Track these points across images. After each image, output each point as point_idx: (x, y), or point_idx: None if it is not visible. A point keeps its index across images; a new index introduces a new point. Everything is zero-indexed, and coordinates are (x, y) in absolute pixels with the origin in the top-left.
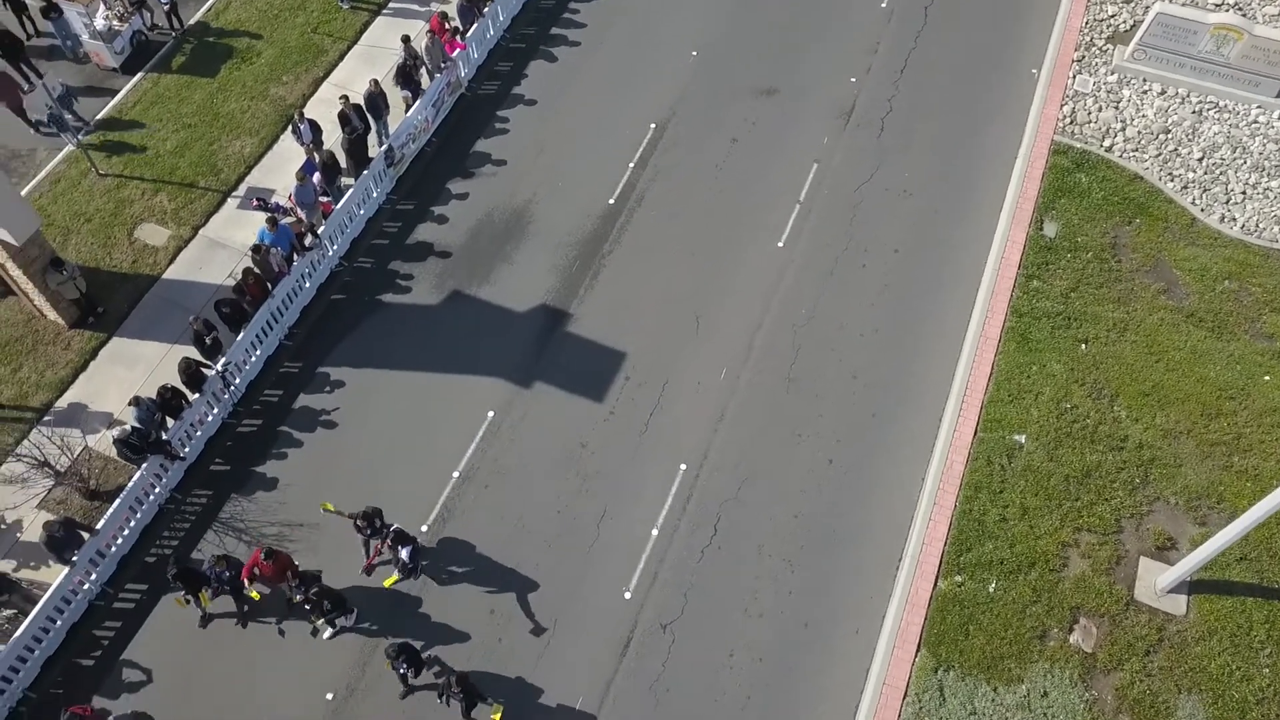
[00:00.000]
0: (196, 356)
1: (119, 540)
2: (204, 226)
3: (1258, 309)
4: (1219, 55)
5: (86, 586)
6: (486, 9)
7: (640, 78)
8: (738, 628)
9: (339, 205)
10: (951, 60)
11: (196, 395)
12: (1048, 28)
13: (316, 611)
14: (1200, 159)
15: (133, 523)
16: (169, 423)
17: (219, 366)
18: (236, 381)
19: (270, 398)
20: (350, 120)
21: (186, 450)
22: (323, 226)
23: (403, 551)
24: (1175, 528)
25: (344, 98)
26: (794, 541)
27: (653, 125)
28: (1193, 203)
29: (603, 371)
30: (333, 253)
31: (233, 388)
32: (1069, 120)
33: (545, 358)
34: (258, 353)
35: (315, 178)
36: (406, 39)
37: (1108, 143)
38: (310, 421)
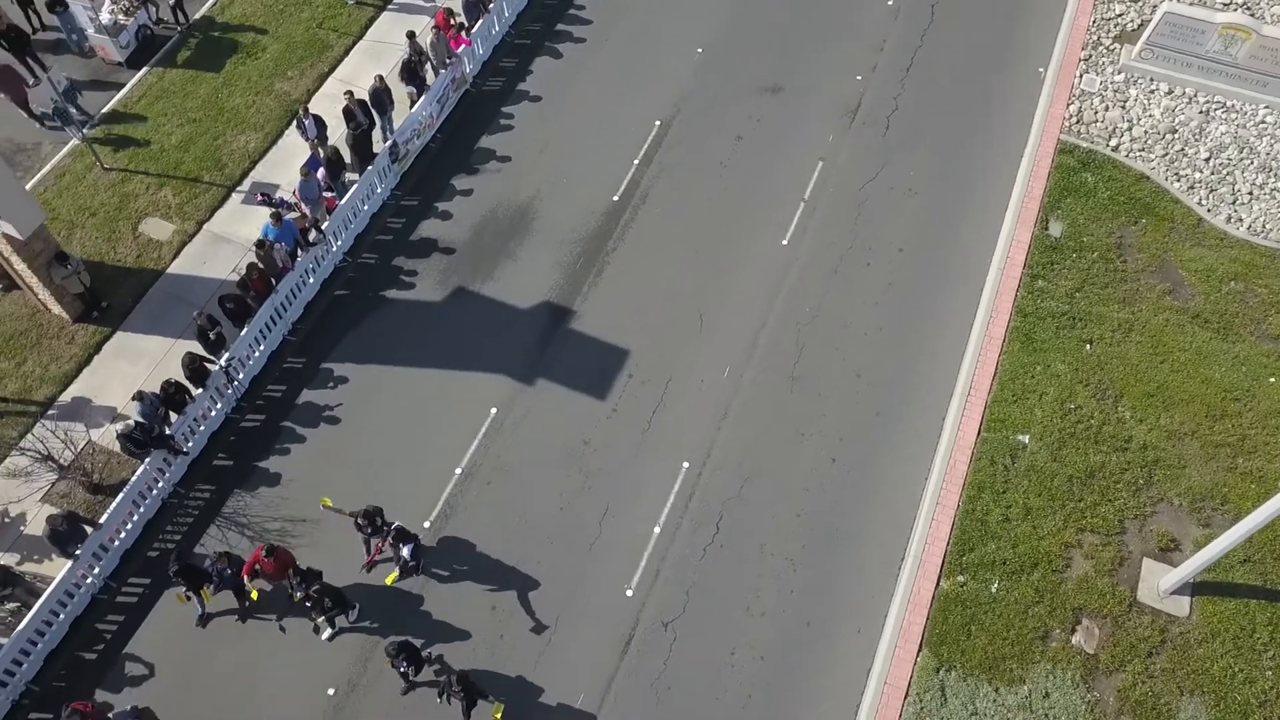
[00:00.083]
0: (200, 351)
1: (122, 535)
2: (208, 221)
3: (1264, 310)
4: (1227, 55)
5: (89, 580)
6: (492, 5)
7: (645, 75)
8: (739, 626)
9: (343, 201)
10: (958, 59)
11: (200, 390)
12: (1054, 26)
13: (317, 609)
14: (1207, 159)
15: (136, 517)
16: (172, 417)
17: (222, 361)
18: (240, 377)
19: (273, 393)
20: (355, 116)
21: (190, 445)
22: (327, 222)
23: (404, 549)
24: (1179, 529)
25: (349, 93)
26: (796, 540)
27: (657, 122)
28: (1199, 203)
29: (606, 369)
30: (337, 248)
31: (236, 383)
32: (1075, 119)
33: (548, 355)
34: (261, 348)
35: (320, 173)
36: (412, 35)
37: (1114, 142)
38: (313, 417)
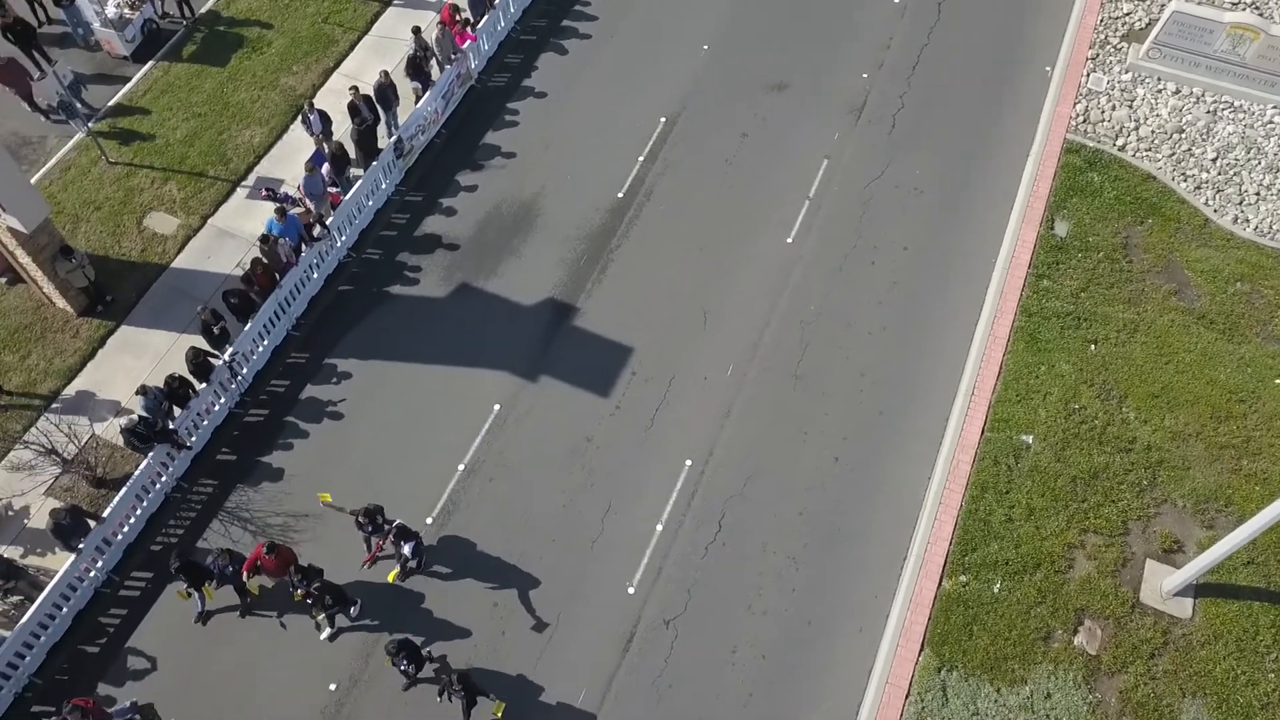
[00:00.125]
0: (204, 346)
1: (125, 528)
2: (213, 216)
3: (1270, 311)
4: (1235, 55)
5: (92, 574)
6: (498, 1)
7: (651, 71)
8: (741, 624)
9: (348, 196)
10: (964, 57)
11: (204, 385)
12: (1062, 25)
13: (318, 606)
14: (1214, 159)
15: (139, 511)
16: (176, 412)
17: (226, 356)
18: (244, 371)
19: (277, 388)
20: (360, 111)
21: (193, 439)
22: (331, 217)
23: (405, 547)
24: (1182, 530)
25: (354, 88)
26: (798, 539)
27: (663, 119)
28: (1206, 203)
29: (609, 366)
30: (341, 244)
31: (240, 378)
32: (1082, 119)
33: (552, 352)
34: (265, 343)
35: (324, 168)
36: (417, 30)
37: (1121, 142)
38: (317, 412)
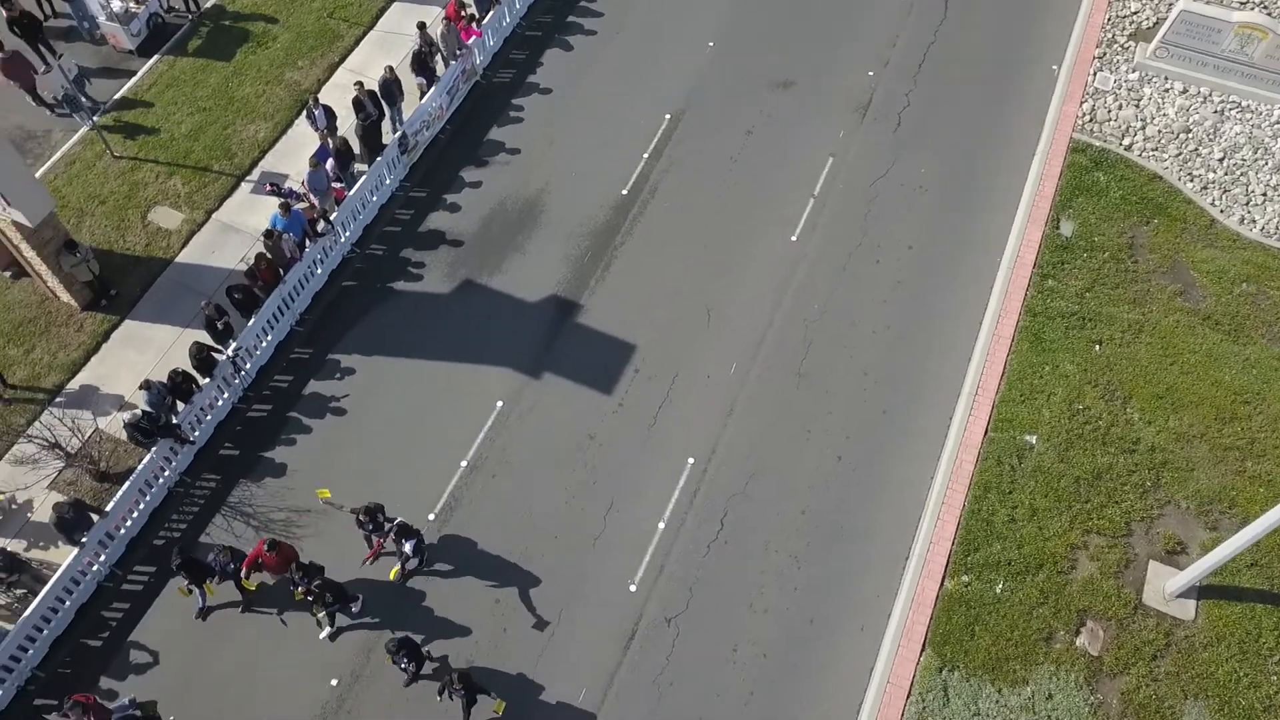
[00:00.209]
0: (208, 341)
1: (128, 523)
2: (217, 211)
3: (1276, 312)
4: (1243, 54)
5: (95, 568)
6: None
7: (656, 68)
8: (742, 623)
9: (352, 192)
10: (971, 55)
11: (207, 380)
12: (1069, 23)
13: (318, 604)
14: (1221, 159)
15: (142, 505)
16: (179, 407)
17: (230, 351)
18: (247, 367)
19: (280, 383)
20: (364, 106)
21: (196, 434)
22: (335, 213)
23: (406, 545)
24: (1186, 532)
25: (359, 84)
26: (801, 538)
27: (668, 116)
28: (1212, 204)
29: (612, 363)
30: (345, 239)
31: (243, 373)
32: (1088, 118)
33: (555, 348)
34: (269, 338)
35: (329, 164)
36: (422, 25)
37: (1127, 141)
38: (320, 408)
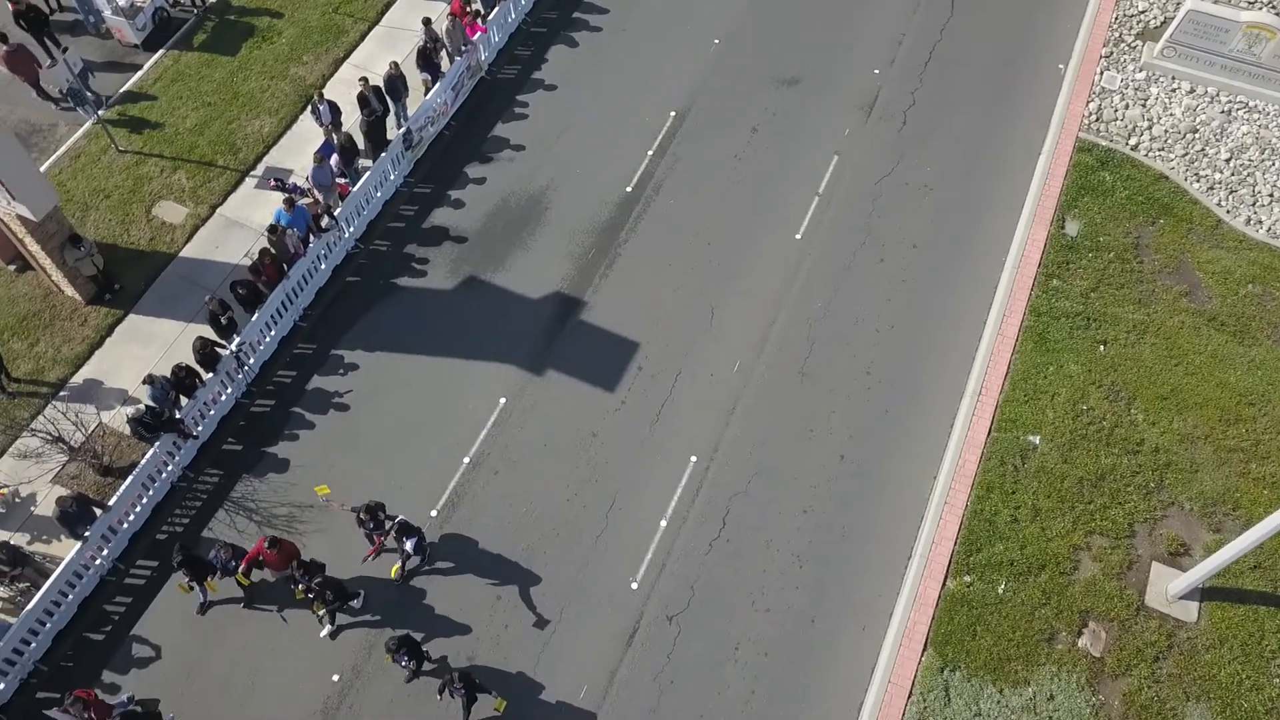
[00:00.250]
0: (211, 336)
1: (131, 517)
2: (221, 205)
3: None
4: (1251, 54)
5: (98, 562)
6: None
7: (661, 65)
8: (744, 621)
9: (356, 187)
10: (977, 53)
11: (210, 375)
12: (1076, 22)
13: (319, 601)
14: (1228, 160)
15: (145, 500)
16: (183, 401)
17: (233, 346)
18: (250, 362)
19: (284, 379)
20: (369, 102)
21: (199, 429)
22: (339, 208)
23: (408, 544)
24: (1189, 534)
25: (364, 79)
26: (803, 537)
27: (673, 113)
28: (1218, 204)
29: (615, 361)
30: (349, 235)
31: (246, 368)
32: (1095, 117)
33: (558, 345)
34: (272, 333)
35: (333, 159)
36: (427, 21)
37: (1133, 141)
38: (323, 403)
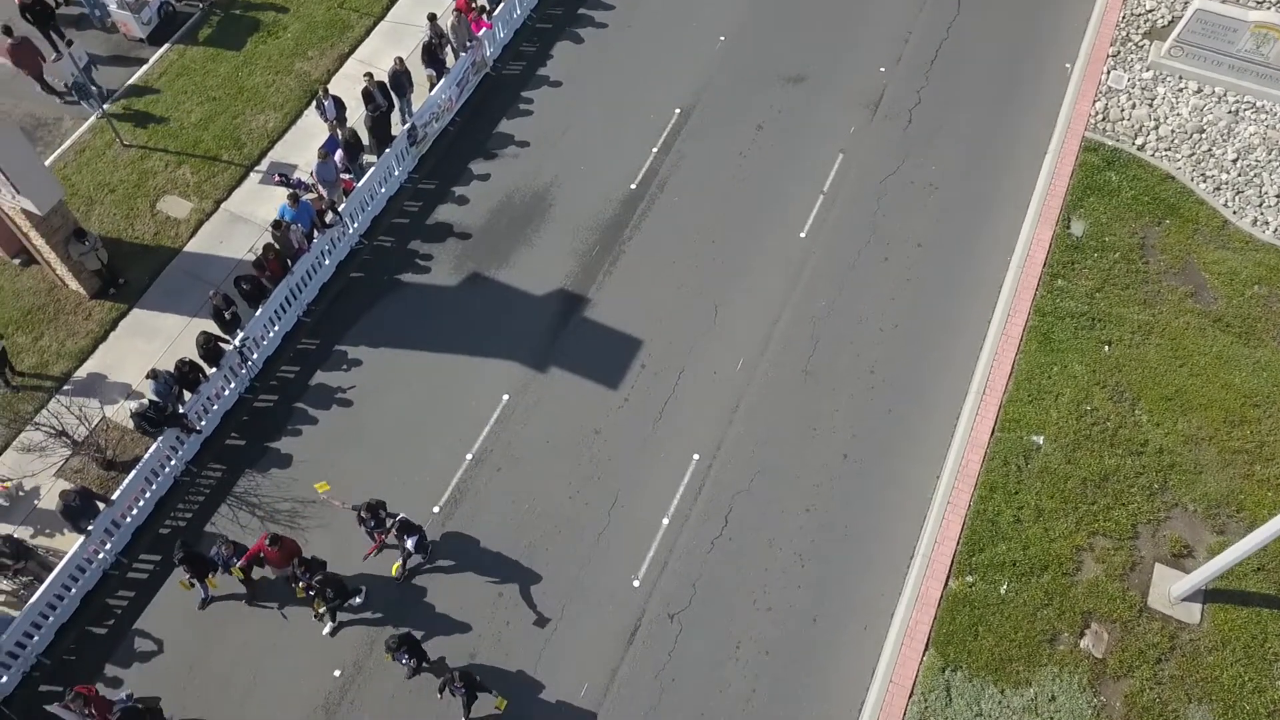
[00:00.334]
0: (215, 331)
1: (134, 511)
2: (226, 200)
3: None
4: (1259, 54)
5: (101, 556)
6: None
7: (666, 62)
8: (746, 620)
9: (360, 183)
10: (983, 52)
11: (214, 369)
12: (1083, 21)
13: (320, 599)
14: (1234, 160)
15: (148, 494)
16: (186, 396)
17: (237, 341)
18: (254, 357)
19: (287, 374)
20: (374, 98)
21: (203, 424)
22: (344, 204)
23: (409, 542)
24: (1192, 535)
25: (368, 75)
26: (805, 536)
27: (678, 110)
28: (1225, 205)
29: (619, 358)
30: (353, 231)
31: (250, 363)
32: (1101, 117)
33: (561, 342)
34: (276, 329)
35: (337, 155)
36: (433, 17)
37: (1140, 141)
38: (326, 399)
